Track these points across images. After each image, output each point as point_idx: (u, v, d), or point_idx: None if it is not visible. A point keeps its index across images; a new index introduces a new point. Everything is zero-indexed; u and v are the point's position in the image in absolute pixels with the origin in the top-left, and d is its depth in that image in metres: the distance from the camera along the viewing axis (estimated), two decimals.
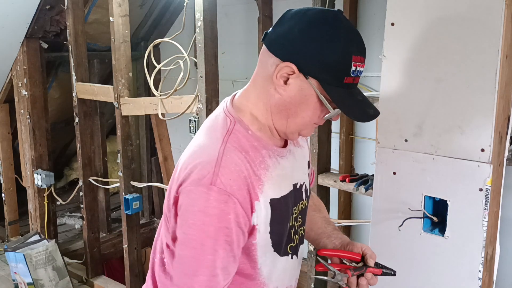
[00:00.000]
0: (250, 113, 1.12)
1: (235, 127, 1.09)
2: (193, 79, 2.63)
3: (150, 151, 4.41)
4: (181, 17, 2.65)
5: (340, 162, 3.17)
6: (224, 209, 1.00)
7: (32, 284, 3.20)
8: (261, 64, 1.11)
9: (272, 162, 1.11)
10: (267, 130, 1.12)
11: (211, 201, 1.00)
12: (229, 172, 1.02)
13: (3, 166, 3.97)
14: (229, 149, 1.05)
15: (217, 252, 1.02)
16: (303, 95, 1.05)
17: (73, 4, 3.09)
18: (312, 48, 1.01)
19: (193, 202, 1.01)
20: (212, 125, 1.13)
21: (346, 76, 1.03)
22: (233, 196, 1.01)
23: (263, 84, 1.09)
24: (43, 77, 3.57)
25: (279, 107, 1.08)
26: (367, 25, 2.94)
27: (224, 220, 1.01)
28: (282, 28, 1.06)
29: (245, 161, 1.05)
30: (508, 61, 1.45)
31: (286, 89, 1.05)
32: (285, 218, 1.15)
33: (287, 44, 1.03)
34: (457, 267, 1.55)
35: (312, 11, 1.05)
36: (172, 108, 2.67)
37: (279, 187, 1.11)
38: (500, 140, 1.50)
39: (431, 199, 1.59)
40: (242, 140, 1.08)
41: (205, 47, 2.43)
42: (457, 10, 1.47)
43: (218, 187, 1.00)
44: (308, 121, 1.10)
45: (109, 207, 4.24)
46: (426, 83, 1.55)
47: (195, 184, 1.01)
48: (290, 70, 1.03)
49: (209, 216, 1.00)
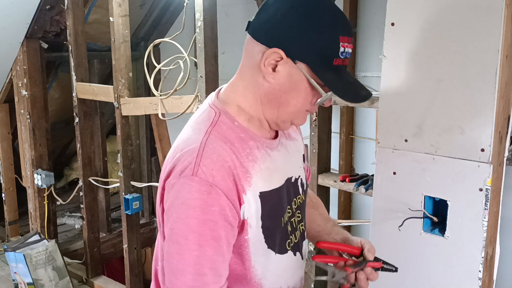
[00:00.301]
0: (237, 105, 1.09)
1: (220, 119, 1.06)
2: (193, 79, 2.63)
3: (150, 151, 4.41)
4: (181, 17, 2.65)
5: (340, 162, 3.17)
6: (208, 200, 0.96)
7: (32, 284, 3.20)
8: (247, 54, 1.07)
9: (260, 154, 1.07)
10: (256, 121, 1.09)
11: (193, 193, 0.96)
12: (211, 162, 0.98)
13: (3, 166, 3.97)
14: (212, 140, 1.02)
15: (203, 248, 0.97)
16: (293, 81, 1.02)
17: (73, 4, 3.09)
18: (298, 31, 0.99)
19: (176, 194, 0.98)
20: (196, 119, 1.10)
21: (335, 58, 1.00)
22: (216, 187, 0.97)
23: (251, 74, 1.06)
24: (43, 77, 3.57)
25: (269, 96, 1.05)
26: (367, 25, 2.94)
27: (208, 213, 0.96)
28: (265, 14, 1.04)
29: (230, 151, 1.02)
30: (508, 61, 1.45)
31: (275, 76, 1.02)
32: (278, 212, 1.11)
33: (272, 30, 1.01)
34: (457, 267, 1.55)
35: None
36: (172, 108, 2.67)
37: (269, 180, 1.08)
38: (500, 140, 1.50)
39: (431, 199, 1.59)
40: (227, 131, 1.05)
41: (205, 47, 2.43)
42: (457, 10, 1.47)
43: (200, 177, 0.96)
44: (300, 108, 1.07)
45: (109, 207, 4.24)
46: (426, 83, 1.55)
47: (178, 176, 0.99)
48: (277, 56, 1.00)
49: (192, 209, 0.96)
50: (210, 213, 0.97)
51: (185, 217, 0.97)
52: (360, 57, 2.96)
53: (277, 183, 1.10)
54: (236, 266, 1.07)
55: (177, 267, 0.99)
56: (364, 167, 3.11)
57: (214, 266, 0.99)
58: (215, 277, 1.00)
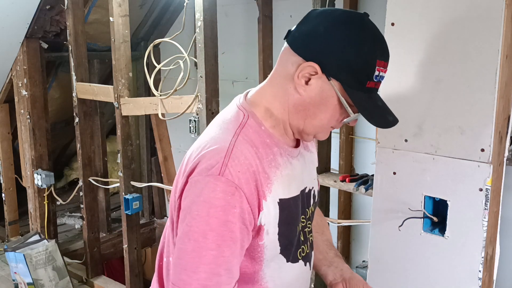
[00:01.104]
0: (265, 109, 1.08)
1: (248, 121, 1.06)
2: (193, 79, 2.63)
3: (150, 151, 4.41)
4: (181, 17, 2.65)
5: (340, 162, 3.17)
6: (231, 201, 0.97)
7: (32, 284, 3.20)
8: (281, 63, 1.07)
9: (283, 161, 1.08)
10: (281, 127, 1.09)
11: (217, 192, 0.96)
12: (239, 163, 0.99)
13: (3, 166, 3.97)
14: (240, 142, 1.02)
15: (221, 248, 0.97)
16: (323, 97, 1.03)
17: (73, 4, 3.09)
18: (337, 48, 0.99)
19: (199, 192, 0.97)
20: (224, 119, 1.09)
21: (368, 80, 1.01)
22: (241, 189, 0.97)
23: (282, 83, 1.06)
24: (43, 77, 3.57)
25: (297, 107, 1.06)
26: None
27: (229, 213, 0.97)
28: (306, 27, 1.03)
29: (255, 156, 1.03)
30: (508, 61, 1.45)
31: (306, 89, 1.03)
32: (294, 220, 1.12)
33: (311, 43, 1.01)
34: (457, 267, 1.55)
35: (338, 12, 1.04)
36: (172, 108, 2.67)
37: (288, 187, 1.09)
38: (500, 140, 1.50)
39: (431, 199, 1.59)
40: (254, 135, 1.05)
41: (205, 47, 2.43)
42: (457, 10, 1.47)
43: (226, 178, 0.97)
44: (325, 123, 1.07)
45: (109, 207, 4.24)
46: (426, 83, 1.55)
47: (203, 173, 0.98)
48: (313, 70, 1.01)
49: (214, 207, 0.96)
50: (231, 214, 0.97)
51: (206, 215, 0.97)
52: None
53: (294, 192, 1.11)
54: (245, 269, 1.07)
55: (191, 264, 0.98)
56: (364, 167, 3.11)
57: (229, 267, 0.99)
58: (228, 278, 1.00)
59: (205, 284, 0.98)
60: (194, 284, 0.98)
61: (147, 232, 4.46)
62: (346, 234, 3.32)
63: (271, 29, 3.16)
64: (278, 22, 3.20)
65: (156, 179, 4.40)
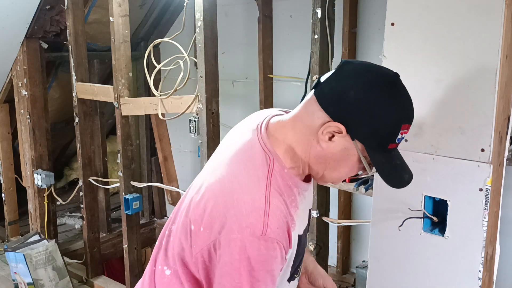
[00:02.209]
0: (287, 146, 1.10)
1: (274, 166, 1.07)
2: (193, 79, 2.63)
3: (150, 151, 4.41)
4: (181, 17, 2.65)
5: None
6: (273, 254, 1.02)
7: (32, 284, 3.20)
8: (306, 112, 1.08)
9: (300, 199, 1.11)
10: (300, 168, 1.11)
11: (261, 250, 1.01)
12: (277, 220, 1.02)
13: (3, 166, 3.97)
14: (274, 195, 1.04)
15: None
16: (345, 154, 1.05)
17: (73, 4, 3.09)
18: (366, 115, 1.00)
19: (243, 250, 1.01)
20: (248, 158, 1.10)
21: (391, 143, 1.04)
22: (281, 243, 1.03)
23: (305, 132, 1.07)
24: (43, 77, 3.56)
25: (318, 159, 1.08)
26: (367, 25, 2.94)
27: (272, 264, 1.03)
28: (337, 85, 1.03)
29: (284, 204, 1.06)
30: (508, 61, 1.45)
31: (329, 145, 1.05)
32: (304, 250, 1.18)
33: (340, 105, 1.02)
34: (457, 267, 1.55)
35: (371, 72, 1.04)
36: (172, 108, 2.67)
37: (303, 221, 1.14)
38: (500, 140, 1.50)
39: (431, 199, 1.59)
40: (280, 181, 1.07)
41: (205, 47, 2.43)
42: (457, 10, 1.47)
43: (269, 237, 1.01)
44: (343, 176, 1.11)
45: (109, 207, 4.24)
46: (426, 83, 1.55)
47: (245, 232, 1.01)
48: (338, 130, 1.02)
49: (259, 263, 1.01)
50: (273, 264, 1.03)
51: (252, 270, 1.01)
52: (360, 57, 2.95)
53: (305, 222, 1.17)
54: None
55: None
56: None
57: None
58: None
59: None
60: None
61: (147, 232, 4.45)
62: (346, 234, 3.32)
63: (271, 29, 3.16)
64: (278, 22, 3.20)
65: (156, 179, 4.40)
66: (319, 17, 2.17)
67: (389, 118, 1.01)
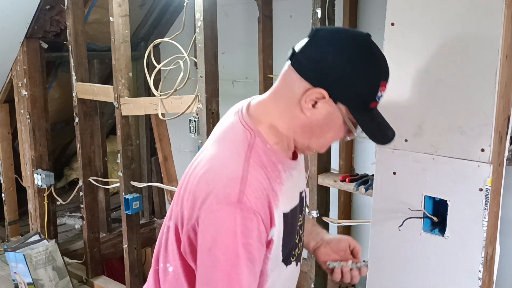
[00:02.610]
0: (270, 124, 1.11)
1: (255, 141, 1.08)
2: (193, 79, 2.63)
3: (150, 151, 4.41)
4: (181, 17, 2.65)
5: (340, 162, 3.17)
6: (250, 226, 1.01)
7: (32, 284, 3.20)
8: (286, 83, 1.09)
9: (286, 176, 1.12)
10: (285, 143, 1.12)
11: (238, 220, 0.99)
12: (254, 190, 1.02)
13: (3, 166, 3.97)
14: (253, 166, 1.05)
15: (242, 269, 1.01)
16: (330, 119, 1.07)
17: (73, 4, 3.09)
18: (345, 77, 1.02)
19: (221, 221, 1.00)
20: (229, 136, 1.11)
21: (372, 102, 1.06)
22: (258, 214, 1.01)
23: (288, 104, 1.08)
24: (43, 77, 3.56)
25: (303, 128, 1.09)
26: (367, 25, 2.94)
27: (249, 237, 1.01)
28: (313, 52, 1.05)
29: (266, 177, 1.06)
30: (508, 61, 1.45)
31: (313, 112, 1.06)
32: (294, 229, 1.16)
33: (319, 71, 1.03)
34: (457, 267, 1.55)
35: (343, 36, 1.06)
36: (172, 108, 2.67)
37: (290, 200, 1.13)
38: (500, 140, 1.50)
39: (431, 199, 1.59)
40: (262, 155, 1.08)
41: (205, 47, 2.43)
42: (457, 10, 1.47)
43: (245, 205, 1.00)
44: (329, 140, 1.12)
45: (109, 207, 4.24)
46: (426, 83, 1.55)
47: (222, 202, 1.00)
48: (320, 96, 1.04)
49: (237, 235, 1.00)
50: (250, 237, 1.01)
51: (231, 243, 1.00)
52: None
53: (295, 202, 1.16)
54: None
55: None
56: (364, 167, 3.11)
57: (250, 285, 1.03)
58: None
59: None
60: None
61: (147, 232, 4.45)
62: (346, 234, 3.32)
63: (271, 29, 3.16)
64: (278, 22, 3.20)
65: (156, 179, 4.40)
66: (319, 17, 2.17)
67: (368, 76, 1.03)
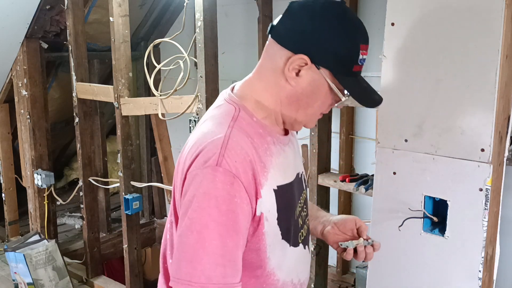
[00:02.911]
0: (255, 100, 1.11)
1: (240, 114, 1.09)
2: (193, 79, 2.63)
3: (150, 151, 4.41)
4: (181, 17, 2.65)
5: (340, 162, 3.17)
6: (230, 191, 0.98)
7: (32, 284, 3.20)
8: (268, 56, 1.11)
9: (276, 149, 1.11)
10: (273, 118, 1.12)
11: (216, 182, 0.97)
12: (235, 154, 1.00)
13: (3, 166, 3.97)
14: (235, 133, 1.04)
15: (223, 238, 0.97)
16: (315, 86, 1.07)
17: (73, 4, 3.09)
18: (325, 39, 1.04)
19: (199, 185, 0.98)
20: (215, 114, 1.12)
21: (355, 65, 1.06)
22: (238, 179, 0.99)
23: (272, 77, 1.10)
24: (43, 77, 3.56)
25: (290, 98, 1.10)
26: (367, 25, 2.92)
27: (230, 203, 0.98)
28: (290, 21, 1.08)
29: (251, 146, 1.05)
30: (508, 61, 1.45)
31: (298, 80, 1.07)
32: (292, 205, 1.14)
33: (298, 37, 1.05)
34: (457, 267, 1.55)
35: (318, 3, 1.07)
36: (172, 108, 2.67)
37: (283, 174, 1.11)
38: (500, 140, 1.50)
39: (431, 199, 1.59)
40: (247, 126, 1.07)
41: (205, 47, 2.43)
42: (457, 10, 1.47)
43: (224, 168, 0.98)
44: (317, 110, 1.12)
45: (109, 207, 4.24)
46: (426, 83, 1.55)
47: (201, 166, 0.99)
48: (302, 62, 1.05)
49: (214, 198, 0.97)
50: (232, 204, 0.98)
51: (207, 206, 0.97)
52: None
53: (290, 178, 1.14)
54: (252, 259, 1.08)
55: (195, 256, 0.97)
56: (364, 167, 3.11)
57: (233, 259, 1.00)
58: (233, 270, 1.00)
59: (209, 275, 0.97)
60: (198, 275, 0.97)
61: (147, 232, 4.45)
62: None
63: None
64: None
65: (156, 179, 4.40)
66: None
67: (346, 38, 1.04)
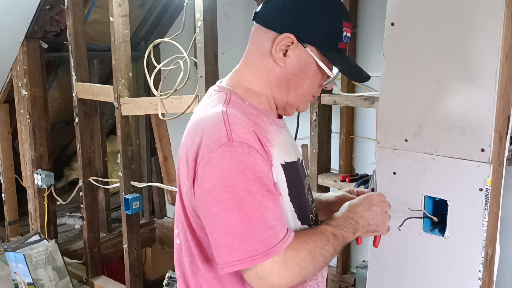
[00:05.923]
0: (245, 88, 1.12)
1: (232, 98, 1.09)
2: (193, 79, 2.63)
3: (150, 151, 4.41)
4: (181, 17, 2.65)
5: (340, 162, 3.17)
6: (251, 160, 0.98)
7: (32, 284, 3.20)
8: (254, 42, 1.13)
9: (274, 129, 1.11)
10: (266, 103, 1.13)
11: (236, 157, 0.97)
12: (240, 126, 1.01)
13: (3, 166, 3.97)
14: (231, 111, 1.04)
15: (263, 203, 0.98)
16: (302, 64, 1.09)
17: (73, 4, 3.09)
18: (309, 17, 1.06)
19: (218, 166, 0.97)
20: (206, 103, 1.12)
21: (340, 42, 1.09)
22: (253, 147, 0.99)
23: (260, 61, 1.11)
24: (43, 77, 3.57)
25: (280, 80, 1.11)
26: (367, 25, 2.94)
27: (255, 171, 0.98)
28: (274, 2, 1.10)
29: (250, 122, 1.04)
30: (508, 61, 1.45)
31: (285, 60, 1.09)
32: (300, 183, 1.15)
33: (283, 17, 1.08)
34: (457, 267, 1.55)
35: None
36: (172, 108, 2.67)
37: (287, 153, 1.12)
38: (500, 140, 1.50)
39: (431, 199, 1.59)
40: (240, 108, 1.07)
41: (205, 47, 2.44)
42: (457, 10, 1.47)
43: (237, 141, 0.98)
44: (308, 90, 1.13)
45: (109, 207, 4.24)
46: (426, 83, 1.55)
47: (213, 148, 0.98)
48: (289, 41, 1.07)
49: (241, 172, 0.97)
50: (257, 171, 0.99)
51: (237, 182, 0.97)
52: (360, 57, 2.96)
53: (293, 158, 1.15)
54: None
55: (245, 232, 0.97)
56: (364, 167, 3.11)
57: (278, 217, 1.01)
58: (281, 225, 1.01)
59: (266, 241, 0.97)
60: (256, 247, 0.97)
61: (147, 232, 4.46)
62: None
63: None
64: None
65: (156, 179, 4.40)
66: None
67: (329, 16, 1.08)
